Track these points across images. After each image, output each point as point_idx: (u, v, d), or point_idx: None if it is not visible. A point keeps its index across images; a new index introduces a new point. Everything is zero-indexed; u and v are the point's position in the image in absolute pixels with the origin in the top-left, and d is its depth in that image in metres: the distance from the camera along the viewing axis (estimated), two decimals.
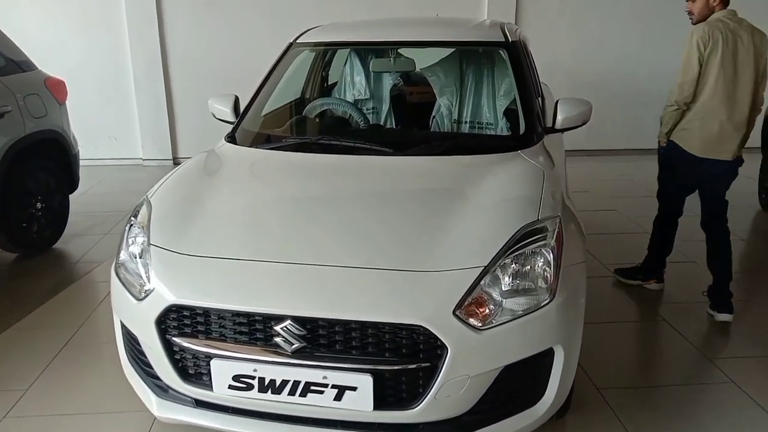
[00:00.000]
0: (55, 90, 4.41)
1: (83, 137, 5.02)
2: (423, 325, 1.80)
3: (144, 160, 7.02)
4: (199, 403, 2.08)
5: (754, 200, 5.45)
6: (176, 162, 7.04)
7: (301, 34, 3.41)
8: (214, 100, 3.18)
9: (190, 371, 2.03)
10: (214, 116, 3.20)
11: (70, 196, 4.59)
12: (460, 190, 2.38)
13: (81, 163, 4.69)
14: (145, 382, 2.18)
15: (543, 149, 2.71)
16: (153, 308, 2.00)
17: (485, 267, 1.92)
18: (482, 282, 1.90)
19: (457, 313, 1.84)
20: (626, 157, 7.13)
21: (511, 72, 3.04)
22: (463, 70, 3.50)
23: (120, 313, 2.22)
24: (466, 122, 3.43)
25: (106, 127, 6.93)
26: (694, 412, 2.55)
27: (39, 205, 4.25)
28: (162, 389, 2.14)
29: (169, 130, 6.93)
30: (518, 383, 1.98)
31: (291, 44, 3.37)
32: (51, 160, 4.36)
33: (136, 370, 2.21)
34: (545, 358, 1.98)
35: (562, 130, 2.84)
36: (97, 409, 2.58)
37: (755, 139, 5.67)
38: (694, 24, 3.20)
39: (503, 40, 3.15)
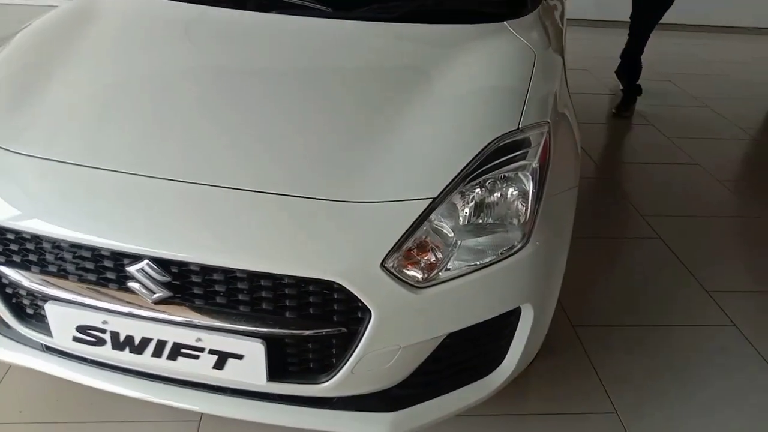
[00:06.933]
0: None
1: None
2: (337, 281, 1.25)
3: None
4: (50, 348, 1.57)
5: None
6: None
7: None
8: None
9: (27, 310, 1.50)
10: None
11: None
12: (416, 79, 1.69)
13: None
14: None
15: (539, 20, 2.01)
16: None
17: (435, 198, 1.34)
18: (431, 217, 1.33)
19: (388, 264, 1.28)
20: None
21: None
22: None
23: None
24: None
25: None
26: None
27: None
28: (5, 325, 1.62)
29: None
30: (468, 350, 1.49)
31: None
32: None
33: None
34: (508, 318, 1.47)
35: None
36: None
37: None
38: None
39: None
